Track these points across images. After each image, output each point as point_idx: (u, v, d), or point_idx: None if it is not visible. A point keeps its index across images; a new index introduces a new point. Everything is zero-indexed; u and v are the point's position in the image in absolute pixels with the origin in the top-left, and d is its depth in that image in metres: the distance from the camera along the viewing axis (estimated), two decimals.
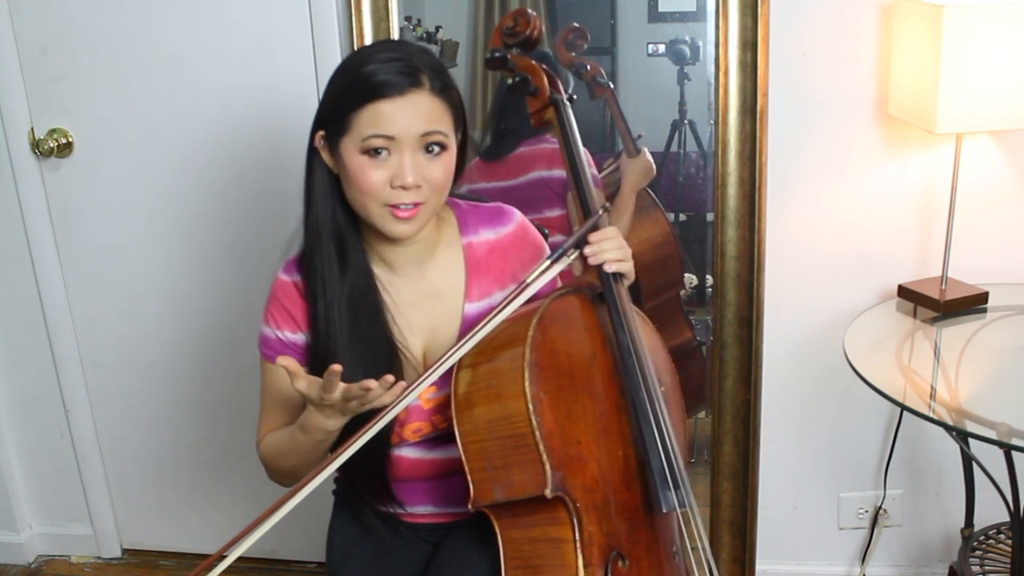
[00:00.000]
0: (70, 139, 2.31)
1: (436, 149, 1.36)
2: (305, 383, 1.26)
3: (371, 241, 1.45)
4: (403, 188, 1.34)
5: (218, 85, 2.22)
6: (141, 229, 2.37)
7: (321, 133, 1.40)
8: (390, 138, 1.33)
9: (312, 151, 1.42)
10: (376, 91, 1.32)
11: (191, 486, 2.58)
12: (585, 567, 1.26)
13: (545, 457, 1.24)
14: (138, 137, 2.29)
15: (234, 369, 2.39)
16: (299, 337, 1.46)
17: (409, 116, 1.33)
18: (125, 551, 2.68)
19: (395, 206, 1.35)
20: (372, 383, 1.22)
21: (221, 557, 1.21)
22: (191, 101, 2.24)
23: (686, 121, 2.15)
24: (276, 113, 2.21)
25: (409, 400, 1.29)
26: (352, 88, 1.34)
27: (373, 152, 1.33)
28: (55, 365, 2.50)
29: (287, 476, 1.46)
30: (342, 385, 1.24)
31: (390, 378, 1.23)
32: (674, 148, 2.16)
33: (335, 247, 1.42)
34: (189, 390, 2.48)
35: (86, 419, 2.54)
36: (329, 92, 1.40)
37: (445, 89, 1.37)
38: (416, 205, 1.36)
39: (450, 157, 1.39)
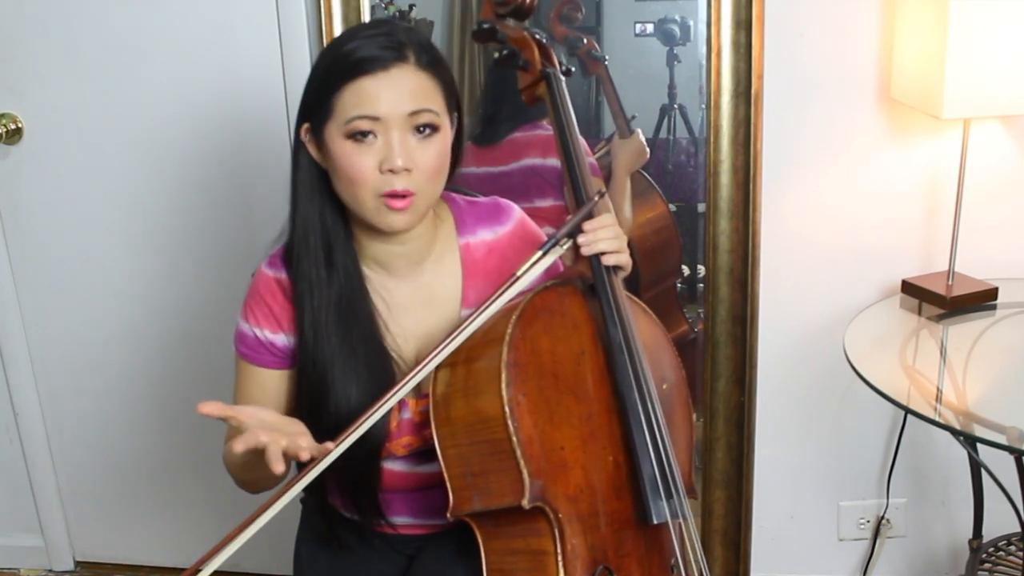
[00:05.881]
0: (19, 124, 2.27)
1: (427, 130, 1.32)
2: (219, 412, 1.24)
3: (363, 241, 1.42)
4: (392, 172, 1.30)
5: (178, 69, 2.20)
6: (96, 221, 2.34)
7: (306, 126, 1.37)
8: (375, 119, 1.29)
9: (298, 145, 1.39)
10: (357, 68, 1.29)
11: (149, 495, 2.56)
12: None
13: (523, 464, 1.21)
14: (93, 123, 2.26)
15: (196, 370, 2.36)
16: (279, 338, 1.43)
17: (395, 94, 1.29)
18: (78, 564, 2.66)
19: (389, 196, 1.31)
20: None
21: (195, 572, 1.18)
22: (150, 86, 2.22)
23: (676, 105, 2.14)
24: (240, 99, 2.19)
25: (389, 406, 1.26)
26: (333, 67, 1.32)
27: (359, 136, 1.30)
28: (3, 365, 2.47)
29: (251, 486, 1.46)
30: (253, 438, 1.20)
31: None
32: (663, 134, 2.16)
33: (323, 249, 1.39)
34: (147, 392, 2.45)
35: (36, 423, 2.52)
36: (312, 77, 1.37)
37: (433, 63, 1.33)
38: (409, 195, 1.32)
39: (443, 140, 1.35)
